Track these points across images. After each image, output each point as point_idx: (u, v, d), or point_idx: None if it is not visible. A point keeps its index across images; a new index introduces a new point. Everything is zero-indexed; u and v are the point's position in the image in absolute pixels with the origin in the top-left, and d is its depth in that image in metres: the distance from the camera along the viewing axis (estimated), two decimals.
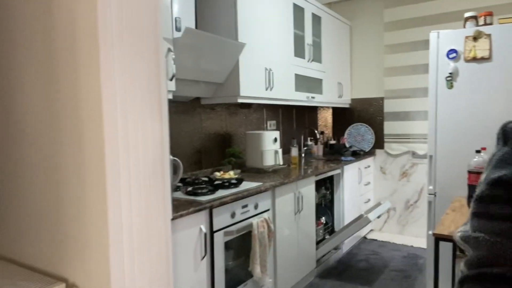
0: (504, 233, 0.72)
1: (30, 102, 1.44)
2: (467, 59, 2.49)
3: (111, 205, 1.26)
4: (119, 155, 1.28)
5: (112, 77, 1.25)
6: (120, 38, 1.27)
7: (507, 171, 0.76)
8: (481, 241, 0.76)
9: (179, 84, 2.34)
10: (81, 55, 1.26)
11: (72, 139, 1.32)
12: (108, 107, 1.24)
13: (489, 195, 0.77)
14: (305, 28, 3.44)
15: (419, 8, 3.84)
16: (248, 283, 2.28)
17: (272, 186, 2.45)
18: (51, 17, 1.33)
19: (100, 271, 1.29)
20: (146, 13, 1.36)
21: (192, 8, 2.35)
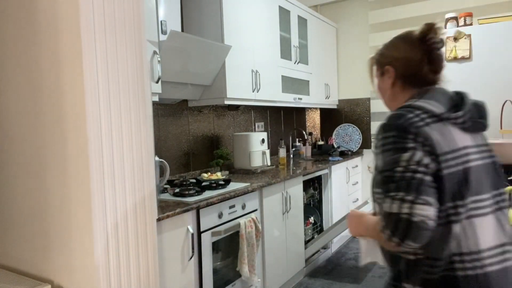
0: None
1: (14, 107, 1.44)
2: (448, 59, 2.55)
3: (96, 207, 1.27)
4: (103, 157, 1.29)
5: (95, 79, 1.26)
6: (102, 40, 1.28)
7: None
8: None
9: (166, 86, 2.35)
10: (64, 55, 1.27)
11: (56, 141, 1.33)
12: (91, 109, 1.25)
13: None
14: (291, 30, 3.48)
15: (403, 10, 3.91)
16: (236, 283, 2.29)
17: (260, 187, 2.48)
18: (34, 17, 1.34)
19: (86, 272, 1.30)
20: (129, 15, 1.38)
21: (177, 11, 2.37)
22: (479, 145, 1.02)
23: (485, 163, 1.00)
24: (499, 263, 0.93)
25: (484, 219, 0.95)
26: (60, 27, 1.26)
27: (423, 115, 0.97)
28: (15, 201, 1.48)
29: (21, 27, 1.37)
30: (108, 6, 1.30)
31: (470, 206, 0.94)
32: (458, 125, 0.99)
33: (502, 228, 0.97)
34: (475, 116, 1.02)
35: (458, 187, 0.93)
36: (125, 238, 1.38)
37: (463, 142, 0.98)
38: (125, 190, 1.37)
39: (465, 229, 0.93)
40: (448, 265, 0.93)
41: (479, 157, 0.99)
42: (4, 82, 1.45)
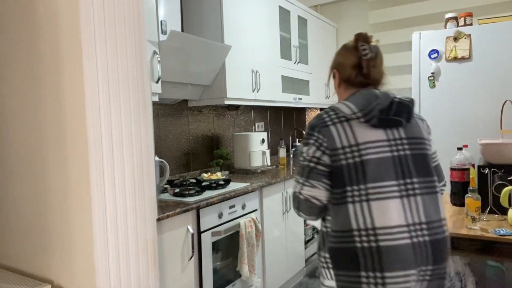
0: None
1: (14, 107, 1.44)
2: (448, 59, 2.55)
3: (96, 207, 1.27)
4: (103, 158, 1.29)
5: (95, 79, 1.26)
6: (102, 40, 1.28)
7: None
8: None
9: (166, 86, 2.36)
10: (64, 55, 1.27)
11: (56, 142, 1.33)
12: (91, 109, 1.25)
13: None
14: (291, 30, 3.48)
15: (403, 10, 3.91)
16: (236, 283, 2.29)
17: (260, 187, 2.48)
18: (34, 17, 1.34)
19: (85, 272, 1.30)
20: (129, 15, 1.38)
21: (178, 11, 2.37)
22: (393, 139, 1.15)
23: (395, 155, 1.14)
24: (394, 240, 1.08)
25: (384, 202, 1.10)
26: (60, 27, 1.26)
27: (333, 116, 1.18)
28: (15, 201, 1.48)
29: (21, 27, 1.37)
30: (108, 6, 1.30)
31: (370, 191, 1.11)
32: (364, 123, 1.15)
33: (409, 211, 1.11)
34: (385, 114, 1.15)
35: (355, 175, 1.12)
36: (125, 238, 1.37)
37: (365, 138, 1.14)
38: (125, 190, 1.37)
39: (363, 209, 1.11)
40: (348, 238, 1.12)
41: (387, 150, 1.14)
42: (4, 82, 1.45)
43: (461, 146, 2.47)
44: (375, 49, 1.25)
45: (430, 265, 1.11)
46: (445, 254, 1.15)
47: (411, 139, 1.17)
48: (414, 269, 1.09)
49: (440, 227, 1.15)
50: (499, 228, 1.75)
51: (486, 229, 1.74)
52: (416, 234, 1.10)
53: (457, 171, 2.19)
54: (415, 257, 1.09)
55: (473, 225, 1.77)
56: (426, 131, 1.24)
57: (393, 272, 1.08)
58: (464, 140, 2.53)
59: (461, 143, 2.54)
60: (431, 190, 1.16)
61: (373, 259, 1.09)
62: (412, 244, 1.09)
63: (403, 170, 1.14)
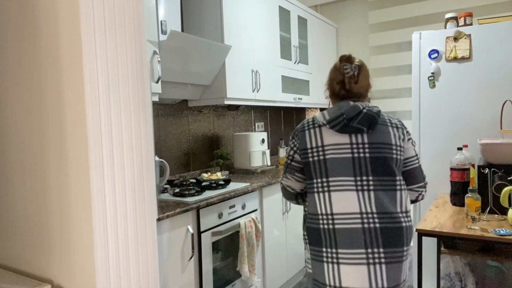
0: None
1: (14, 107, 1.44)
2: (448, 59, 2.55)
3: (96, 207, 1.27)
4: (103, 157, 1.29)
5: (95, 79, 1.26)
6: (102, 40, 1.28)
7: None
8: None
9: (166, 86, 2.36)
10: (64, 55, 1.27)
11: (56, 141, 1.33)
12: (91, 109, 1.25)
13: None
14: (291, 30, 3.48)
15: (403, 10, 3.91)
16: (236, 283, 2.29)
17: (260, 187, 2.48)
18: (34, 17, 1.34)
19: (85, 272, 1.30)
20: (129, 15, 1.38)
21: (178, 11, 2.37)
22: (355, 143, 1.39)
23: (355, 157, 1.37)
24: (347, 224, 1.34)
25: (341, 193, 1.36)
26: (60, 27, 1.26)
27: (310, 123, 1.45)
28: (15, 201, 1.48)
29: (21, 27, 1.37)
30: (108, 6, 1.30)
31: (330, 184, 1.37)
32: (331, 129, 1.40)
33: (363, 202, 1.35)
34: (351, 122, 1.38)
35: (319, 170, 1.39)
36: (125, 238, 1.38)
37: (330, 141, 1.40)
38: (125, 190, 1.37)
39: (325, 198, 1.37)
40: (316, 220, 1.39)
41: (348, 151, 1.38)
42: (4, 82, 1.45)
43: (461, 146, 2.47)
44: (356, 68, 1.47)
45: (381, 248, 1.33)
46: (398, 241, 1.34)
47: (372, 144, 1.39)
48: (363, 249, 1.32)
49: (394, 218, 1.35)
50: (499, 228, 1.75)
51: (486, 229, 1.74)
52: (367, 221, 1.33)
53: (457, 171, 2.19)
54: (364, 239, 1.32)
55: (473, 225, 1.77)
56: (398, 138, 1.42)
57: (344, 249, 1.34)
58: (464, 140, 2.53)
59: (461, 143, 2.54)
60: (387, 187, 1.38)
61: (330, 238, 1.36)
62: (363, 228, 1.33)
63: (361, 169, 1.37)
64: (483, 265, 2.44)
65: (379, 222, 1.34)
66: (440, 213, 2.05)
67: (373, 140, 1.39)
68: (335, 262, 1.35)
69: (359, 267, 1.32)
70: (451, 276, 2.47)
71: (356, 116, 1.38)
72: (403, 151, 1.45)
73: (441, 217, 1.96)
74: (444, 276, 2.48)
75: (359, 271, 1.32)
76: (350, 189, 1.36)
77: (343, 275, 1.34)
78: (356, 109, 1.39)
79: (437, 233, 1.75)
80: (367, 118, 1.38)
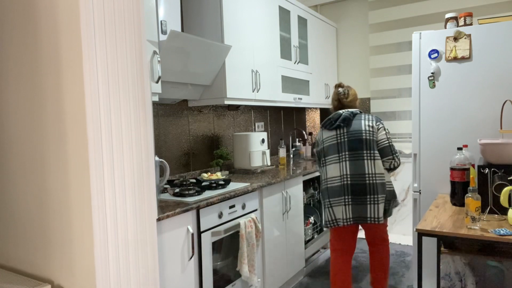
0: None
1: (14, 107, 1.44)
2: (448, 59, 2.55)
3: (96, 207, 1.27)
4: (103, 157, 1.29)
5: (95, 79, 1.26)
6: (102, 40, 1.29)
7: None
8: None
9: (166, 86, 2.36)
10: (64, 55, 1.27)
11: (56, 141, 1.33)
12: (91, 109, 1.25)
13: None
14: (291, 30, 3.48)
15: (403, 10, 3.91)
16: (236, 283, 2.29)
17: (260, 187, 2.48)
18: (34, 16, 1.34)
19: (86, 272, 1.30)
20: (129, 15, 1.38)
21: (178, 11, 2.37)
22: (339, 134, 2.32)
23: (337, 142, 2.32)
24: (334, 183, 2.29)
25: (331, 165, 2.32)
26: (60, 27, 1.26)
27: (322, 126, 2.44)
28: (15, 201, 1.48)
29: (21, 27, 1.37)
30: (108, 6, 1.30)
31: (326, 160, 2.35)
32: (326, 127, 2.39)
33: (341, 170, 2.28)
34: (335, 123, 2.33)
35: (322, 153, 2.38)
36: (125, 238, 1.38)
37: (325, 135, 2.38)
38: (125, 190, 1.37)
39: (326, 169, 2.35)
40: (323, 182, 2.37)
41: (334, 140, 2.33)
42: (4, 82, 1.45)
43: (461, 146, 2.47)
44: (346, 89, 2.46)
45: (349, 195, 2.25)
46: (361, 191, 2.23)
47: (349, 132, 2.30)
48: (342, 197, 2.26)
49: (359, 176, 2.24)
50: (499, 228, 1.75)
51: (486, 229, 1.74)
52: (343, 180, 2.27)
53: (457, 171, 2.19)
54: (341, 191, 2.26)
55: (473, 225, 1.77)
56: (368, 126, 2.30)
57: (332, 198, 2.30)
58: (464, 140, 2.53)
59: (461, 143, 2.54)
60: (357, 158, 2.26)
61: (327, 193, 2.32)
62: (341, 185, 2.27)
63: (341, 148, 2.30)
64: (483, 265, 2.44)
65: (350, 180, 2.25)
66: (440, 213, 2.05)
67: (349, 130, 2.31)
68: (330, 206, 2.31)
69: (339, 207, 2.27)
70: (451, 276, 2.47)
71: (338, 118, 2.33)
72: (374, 134, 2.29)
73: (441, 217, 1.97)
74: (444, 276, 2.48)
75: (340, 209, 2.27)
76: (335, 162, 2.30)
77: (335, 212, 2.29)
78: (338, 114, 2.36)
79: (437, 233, 1.75)
80: (344, 119, 2.32)
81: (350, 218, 2.24)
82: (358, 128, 2.27)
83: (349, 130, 2.27)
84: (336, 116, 2.33)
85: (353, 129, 2.27)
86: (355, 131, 2.27)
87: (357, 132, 2.26)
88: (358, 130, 2.27)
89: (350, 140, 2.26)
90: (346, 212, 2.24)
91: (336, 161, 2.27)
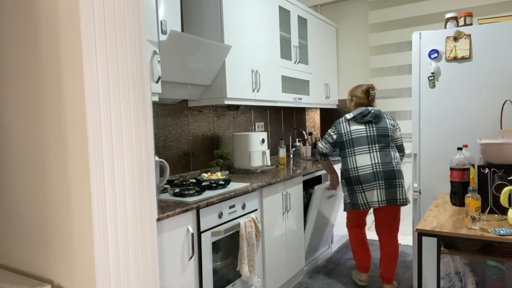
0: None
1: (14, 107, 1.44)
2: (448, 59, 2.55)
3: (96, 207, 1.27)
4: (103, 157, 1.29)
5: (95, 79, 1.26)
6: (102, 40, 1.28)
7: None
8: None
9: (166, 86, 2.36)
10: (64, 55, 1.27)
11: (56, 141, 1.33)
12: (91, 109, 1.25)
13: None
14: (291, 30, 3.48)
15: (403, 10, 3.91)
16: (236, 283, 2.29)
17: (260, 187, 2.48)
18: (34, 16, 1.34)
19: (86, 272, 1.30)
20: (129, 15, 1.38)
21: (178, 11, 2.37)
22: (367, 129, 2.65)
23: (367, 135, 2.63)
24: (366, 171, 2.59)
25: (361, 155, 2.62)
26: (60, 27, 1.26)
27: (343, 119, 2.73)
28: (15, 201, 1.48)
29: (21, 27, 1.37)
30: (108, 6, 1.30)
31: (356, 151, 2.63)
32: (355, 121, 2.68)
33: (373, 158, 2.60)
34: (365, 117, 2.65)
35: (348, 144, 2.66)
36: (125, 238, 1.38)
37: (353, 128, 2.67)
38: (125, 190, 1.37)
39: (353, 158, 2.63)
40: (348, 172, 2.65)
41: (364, 133, 2.64)
42: (4, 83, 1.46)
43: (461, 146, 2.47)
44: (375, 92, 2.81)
45: (383, 180, 2.59)
46: (392, 176, 2.60)
47: (378, 128, 2.67)
48: (375, 182, 2.59)
49: (388, 164, 2.61)
50: (499, 228, 1.75)
51: (486, 229, 1.74)
52: (375, 168, 2.60)
53: (457, 171, 2.19)
54: (374, 177, 2.59)
55: (473, 225, 1.77)
56: (390, 125, 2.71)
57: (365, 184, 2.60)
58: (464, 140, 2.53)
59: (461, 143, 2.54)
60: (384, 149, 2.64)
61: (359, 179, 2.61)
62: (373, 172, 2.59)
63: (370, 141, 2.64)
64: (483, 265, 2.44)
65: (382, 167, 2.60)
66: (440, 213, 2.05)
67: (377, 126, 2.67)
68: (362, 191, 2.61)
69: (373, 191, 2.60)
70: (451, 276, 2.47)
71: (368, 114, 2.68)
72: (394, 132, 2.72)
73: (441, 217, 1.97)
74: (444, 276, 2.48)
75: (374, 193, 2.60)
76: (366, 152, 2.62)
77: (368, 197, 2.60)
78: (368, 111, 2.69)
79: (437, 233, 1.76)
80: (375, 115, 2.67)
81: (384, 200, 2.58)
82: (384, 125, 2.65)
83: (378, 126, 2.64)
84: (366, 112, 2.64)
85: (381, 126, 2.64)
86: (383, 127, 2.64)
87: (384, 128, 2.64)
88: (384, 126, 2.64)
89: (379, 135, 2.62)
90: (380, 195, 2.58)
91: (366, 152, 2.60)
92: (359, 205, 2.62)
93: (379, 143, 2.60)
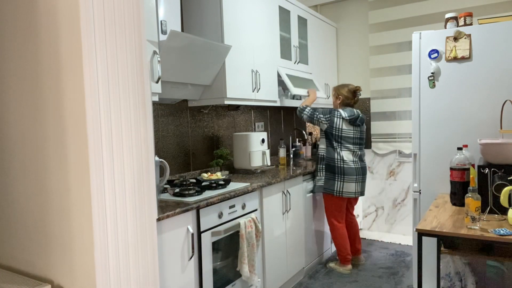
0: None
1: (14, 107, 1.44)
2: (448, 59, 2.55)
3: (96, 207, 1.27)
4: (103, 158, 1.29)
5: (95, 79, 1.26)
6: (102, 40, 1.28)
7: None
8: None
9: (166, 86, 2.36)
10: (64, 55, 1.27)
11: (56, 142, 1.33)
12: (91, 109, 1.25)
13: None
14: (291, 30, 3.48)
15: (403, 10, 3.91)
16: (236, 283, 2.29)
17: (260, 186, 2.48)
18: (34, 17, 1.34)
19: (86, 272, 1.30)
20: (129, 15, 1.38)
21: (178, 11, 2.37)
22: (354, 131, 3.08)
23: (353, 136, 3.08)
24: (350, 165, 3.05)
25: (346, 151, 3.06)
26: (60, 27, 1.26)
27: (339, 115, 3.06)
28: (15, 201, 1.48)
29: (21, 27, 1.37)
30: (108, 6, 1.30)
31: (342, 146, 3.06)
32: (347, 121, 3.05)
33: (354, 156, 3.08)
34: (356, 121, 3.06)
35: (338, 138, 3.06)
36: (125, 238, 1.38)
37: (345, 127, 3.06)
38: (125, 190, 1.37)
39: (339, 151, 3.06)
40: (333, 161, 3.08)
41: (351, 134, 3.07)
42: (4, 83, 1.46)
43: (461, 146, 2.47)
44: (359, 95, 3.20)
45: (360, 175, 3.08)
46: (365, 172, 3.13)
47: (360, 131, 3.12)
48: (355, 176, 3.06)
49: (363, 162, 3.13)
50: (499, 228, 1.75)
51: (486, 229, 1.74)
52: (356, 164, 3.07)
53: (457, 171, 2.19)
54: (356, 172, 3.06)
55: (473, 225, 1.77)
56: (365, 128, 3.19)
57: (347, 176, 3.04)
58: (464, 140, 2.53)
59: (461, 143, 2.54)
60: (361, 150, 3.13)
61: (344, 170, 3.04)
62: (355, 168, 3.06)
63: (354, 141, 3.08)
64: (483, 265, 2.44)
65: (360, 164, 3.09)
66: (440, 213, 2.05)
67: (361, 129, 3.14)
68: (342, 181, 3.04)
69: (352, 183, 3.05)
70: (451, 276, 2.47)
71: (357, 118, 3.08)
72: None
73: (441, 217, 1.97)
74: (444, 276, 2.48)
75: (353, 185, 3.06)
76: (350, 150, 3.06)
77: (345, 187, 3.05)
78: (357, 114, 3.10)
79: (437, 233, 1.76)
80: (361, 120, 3.11)
81: (359, 191, 3.11)
82: (363, 129, 3.16)
83: (360, 130, 3.11)
84: (357, 115, 3.07)
85: (362, 130, 3.14)
86: (363, 131, 3.15)
87: (363, 132, 3.16)
88: (363, 131, 3.17)
89: (360, 137, 3.12)
90: (357, 187, 3.08)
91: (351, 150, 3.05)
92: (334, 191, 3.05)
93: (360, 144, 3.11)
